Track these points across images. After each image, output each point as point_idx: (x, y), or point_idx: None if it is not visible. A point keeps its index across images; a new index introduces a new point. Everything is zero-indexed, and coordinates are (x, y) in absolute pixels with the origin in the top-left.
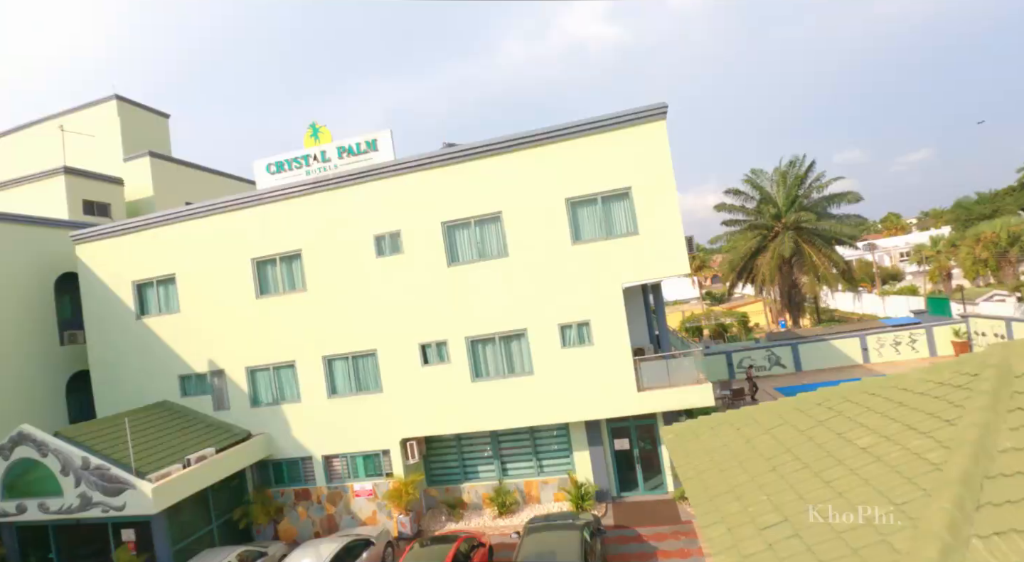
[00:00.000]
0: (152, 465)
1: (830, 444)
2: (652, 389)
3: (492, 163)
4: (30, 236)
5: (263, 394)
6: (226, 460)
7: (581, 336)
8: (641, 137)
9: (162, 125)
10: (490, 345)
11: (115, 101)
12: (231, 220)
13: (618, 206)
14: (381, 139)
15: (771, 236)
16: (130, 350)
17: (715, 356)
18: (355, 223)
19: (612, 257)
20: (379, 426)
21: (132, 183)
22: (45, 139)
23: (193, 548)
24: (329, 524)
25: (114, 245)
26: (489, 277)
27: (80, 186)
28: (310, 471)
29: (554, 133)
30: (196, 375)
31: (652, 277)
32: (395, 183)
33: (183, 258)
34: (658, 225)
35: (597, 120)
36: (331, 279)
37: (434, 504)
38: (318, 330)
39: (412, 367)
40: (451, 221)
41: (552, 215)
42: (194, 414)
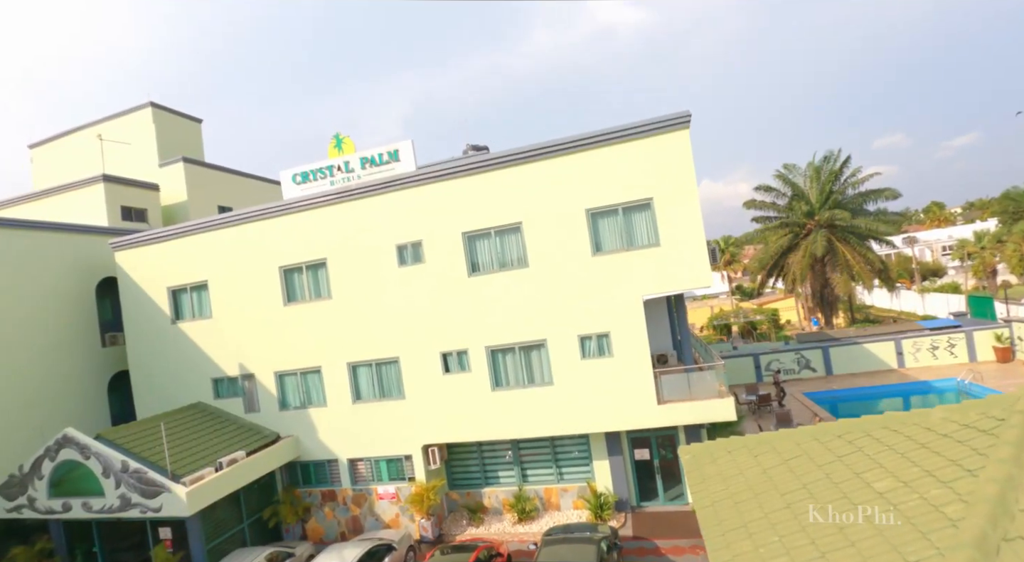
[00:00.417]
0: (187, 467)
1: (847, 484)
2: (673, 402)
3: (512, 173)
4: (73, 243)
5: (291, 398)
6: (256, 463)
7: (601, 347)
8: (663, 147)
9: (195, 130)
10: (510, 355)
11: (150, 108)
12: (259, 229)
13: (639, 217)
14: (403, 149)
15: (803, 234)
16: (166, 353)
17: (742, 358)
18: (377, 232)
19: (633, 269)
20: (401, 432)
21: (167, 188)
22: (84, 145)
23: (226, 546)
24: (354, 525)
25: (150, 252)
26: (509, 287)
27: (118, 192)
28: (336, 473)
29: (574, 143)
30: (228, 378)
31: (673, 290)
32: (416, 193)
33: (215, 265)
34: (680, 236)
35: (618, 130)
36: (355, 287)
37: (455, 508)
38: (343, 337)
39: (433, 375)
40: (471, 231)
41: (572, 226)
42: (226, 416)
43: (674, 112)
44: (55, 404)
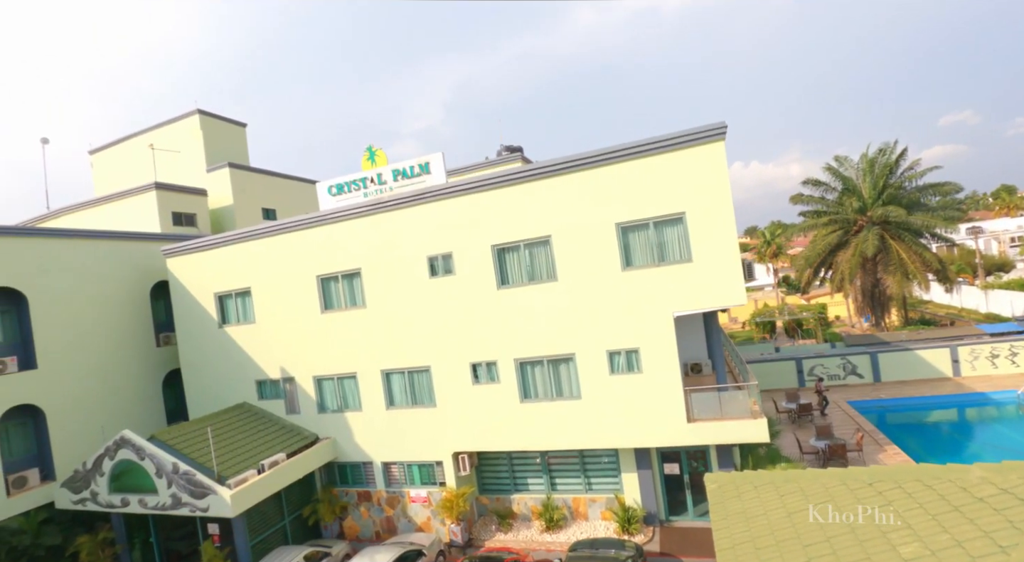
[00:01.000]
0: (232, 469)
1: (872, 544)
2: (703, 421)
3: (541, 187)
4: (131, 250)
5: (329, 401)
6: (296, 464)
7: (630, 363)
8: (697, 159)
9: (240, 134)
10: (538, 367)
11: (197, 115)
12: (298, 239)
13: (671, 232)
14: (433, 162)
15: (854, 230)
16: (214, 355)
17: (783, 362)
18: (409, 244)
19: (663, 285)
20: (432, 438)
21: (214, 192)
22: (138, 151)
23: (269, 541)
24: (388, 525)
25: (198, 259)
26: (538, 300)
27: (169, 199)
28: (371, 475)
29: (605, 156)
30: (270, 381)
31: (705, 308)
32: (446, 206)
33: (257, 273)
34: (713, 252)
35: (650, 142)
36: (388, 297)
37: (485, 512)
38: (376, 345)
39: (463, 384)
40: (501, 244)
41: (602, 240)
42: (269, 416)
43: (708, 124)
44: (116, 402)
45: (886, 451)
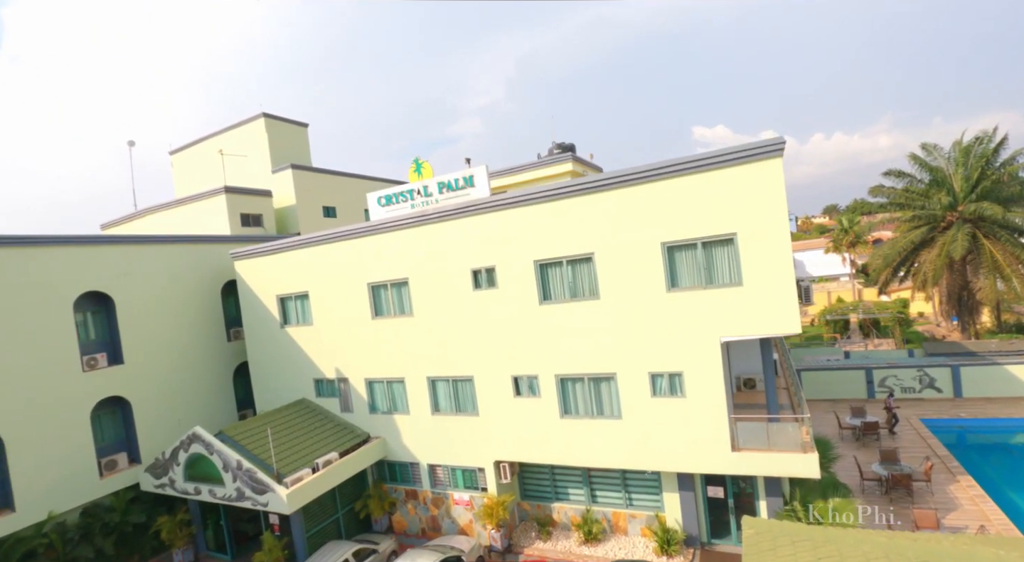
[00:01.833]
0: (290, 466)
1: None
2: (749, 451)
3: (584, 202)
4: (203, 251)
5: (379, 403)
6: (348, 464)
7: (673, 387)
8: (751, 177)
9: (302, 135)
10: (579, 384)
11: (263, 119)
12: (351, 247)
13: (720, 253)
14: (477, 175)
15: (940, 227)
16: (276, 353)
17: (852, 371)
18: (454, 256)
19: (711, 308)
20: (475, 445)
21: (277, 192)
22: (211, 153)
23: (324, 532)
24: (433, 523)
25: (262, 263)
26: (579, 318)
27: (238, 202)
28: (418, 475)
29: (651, 172)
30: (326, 380)
31: (755, 335)
32: (489, 219)
33: (314, 278)
34: (766, 277)
35: (700, 158)
36: (434, 307)
37: (526, 518)
38: (423, 353)
39: (505, 396)
40: (543, 260)
41: (647, 259)
42: (325, 413)
43: (765, 139)
44: (193, 392)
45: (959, 482)
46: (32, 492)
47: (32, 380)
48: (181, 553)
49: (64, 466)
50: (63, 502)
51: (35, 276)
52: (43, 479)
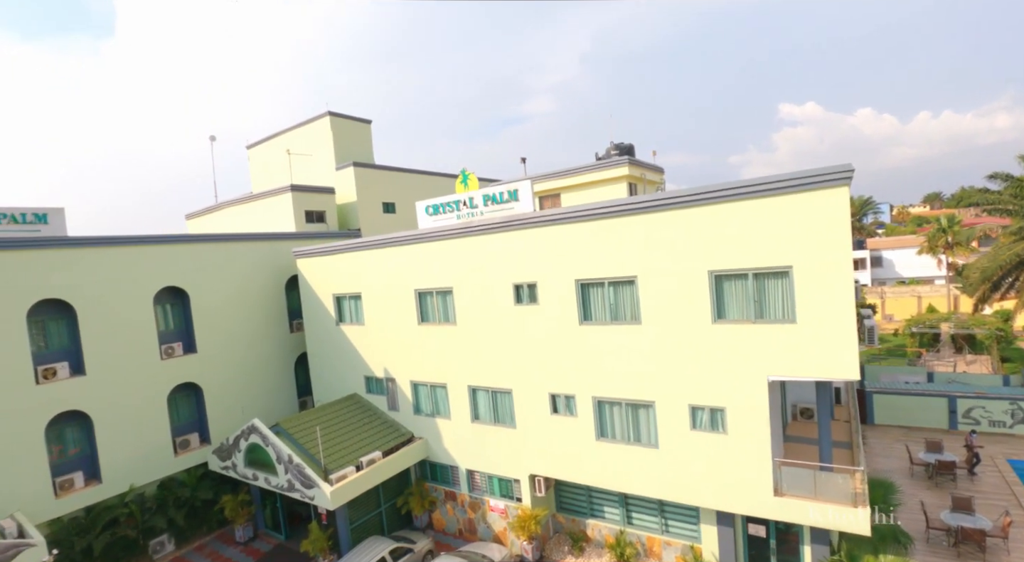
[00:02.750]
0: (337, 462)
1: None
2: (793, 496)
3: (629, 223)
4: (269, 248)
5: (423, 405)
6: (390, 463)
7: (714, 422)
8: (813, 206)
9: (365, 131)
10: (616, 408)
11: (328, 117)
12: (400, 253)
13: (773, 286)
14: (522, 190)
15: None
16: (332, 348)
17: (933, 398)
18: (497, 269)
19: (759, 344)
20: (511, 457)
21: (340, 189)
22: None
23: (367, 524)
24: (470, 526)
25: (320, 262)
26: (620, 341)
27: (303, 199)
28: (457, 478)
29: (701, 195)
30: (376, 378)
31: (807, 376)
32: (532, 235)
33: (367, 280)
34: (822, 316)
35: (755, 183)
36: (476, 317)
37: (560, 530)
38: (465, 362)
39: (542, 412)
40: (585, 279)
41: (692, 287)
42: (374, 410)
43: (830, 166)
44: (257, 380)
45: None
46: (116, 466)
47: (118, 366)
48: (242, 529)
49: (144, 443)
50: (142, 476)
51: (123, 272)
52: (126, 455)
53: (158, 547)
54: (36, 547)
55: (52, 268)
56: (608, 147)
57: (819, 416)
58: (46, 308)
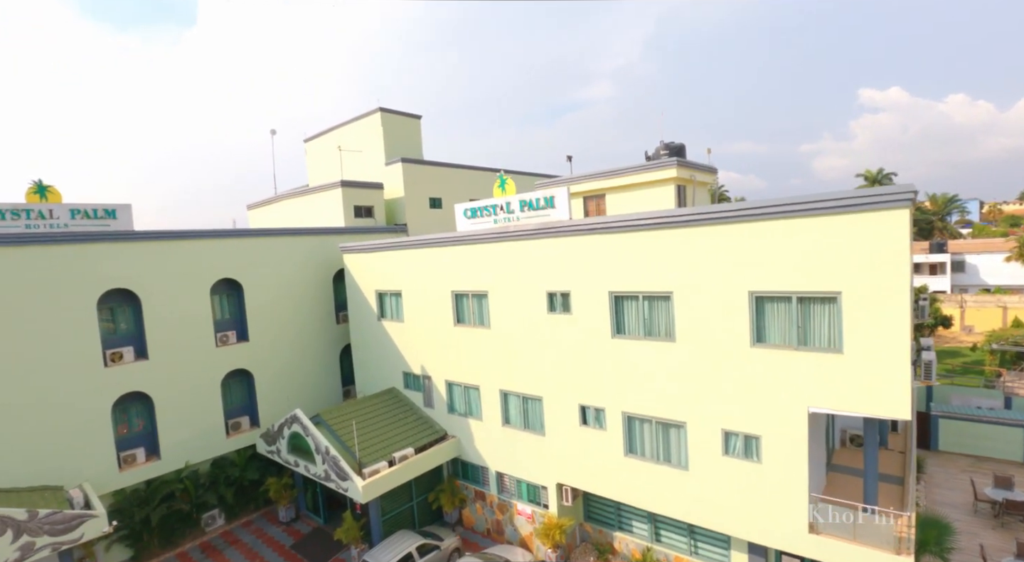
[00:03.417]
0: (371, 456)
1: None
2: (830, 536)
3: (665, 237)
4: (318, 242)
5: (457, 404)
6: (422, 460)
7: (748, 449)
8: (867, 229)
9: (415, 126)
10: (647, 426)
11: (379, 113)
12: (438, 254)
13: (819, 312)
14: (558, 197)
15: None
16: (374, 342)
17: (1009, 428)
18: (531, 276)
19: (800, 373)
20: (539, 464)
21: (389, 184)
22: (335, 144)
23: (399, 517)
24: (497, 527)
25: (364, 259)
26: (653, 358)
27: (352, 194)
28: (487, 479)
29: (744, 212)
30: (413, 374)
31: (851, 411)
32: (567, 243)
33: (406, 278)
34: (873, 348)
35: (805, 201)
36: (510, 323)
37: (587, 539)
38: (497, 366)
39: (571, 423)
40: (619, 292)
41: (731, 307)
42: (411, 405)
43: (891, 186)
44: (305, 368)
45: None
46: (174, 444)
47: (177, 352)
48: (284, 510)
49: (199, 424)
50: (197, 454)
51: (183, 264)
52: (183, 434)
53: (209, 521)
54: (98, 519)
55: (120, 260)
56: (658, 146)
57: (866, 450)
58: (114, 297)
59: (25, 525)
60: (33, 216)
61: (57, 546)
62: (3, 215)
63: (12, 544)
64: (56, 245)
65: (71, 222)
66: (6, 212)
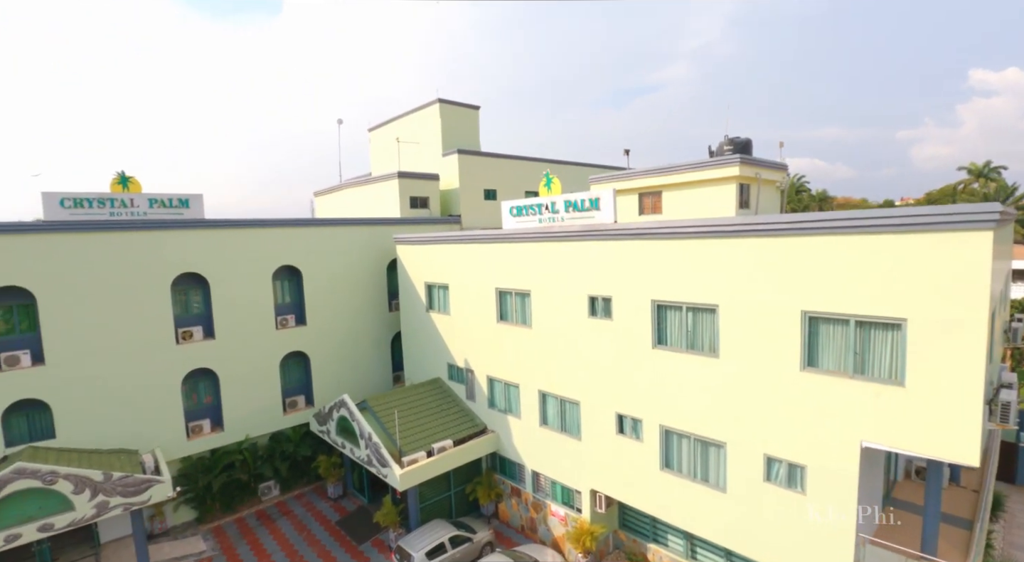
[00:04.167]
0: (412, 445)
1: None
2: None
3: (714, 246)
4: (375, 232)
5: (497, 400)
6: (461, 452)
7: (792, 479)
8: (942, 251)
9: (473, 117)
10: (685, 441)
11: (438, 104)
12: (483, 250)
13: (880, 338)
14: (604, 198)
15: None
16: (422, 333)
17: None
18: (573, 278)
19: (856, 403)
20: (574, 468)
21: (445, 175)
22: (395, 133)
23: (437, 505)
24: (531, 525)
25: (415, 251)
26: (694, 372)
27: (408, 186)
28: (523, 476)
29: (801, 225)
30: (456, 367)
31: (910, 451)
32: (611, 247)
33: (453, 273)
34: (940, 383)
35: (871, 216)
36: (551, 324)
37: (621, 547)
38: (537, 366)
39: (608, 430)
40: (662, 301)
41: (781, 327)
42: (454, 397)
43: (973, 205)
44: (358, 353)
45: None
46: (236, 417)
47: (241, 332)
48: (333, 487)
49: (259, 400)
50: (256, 428)
51: (248, 251)
52: (244, 408)
53: (265, 491)
54: (163, 484)
55: (191, 246)
56: (722, 141)
57: (928, 488)
58: (185, 280)
59: (101, 486)
60: (117, 204)
61: (128, 506)
62: (91, 203)
63: (90, 502)
64: (137, 231)
65: (149, 210)
66: (93, 200)
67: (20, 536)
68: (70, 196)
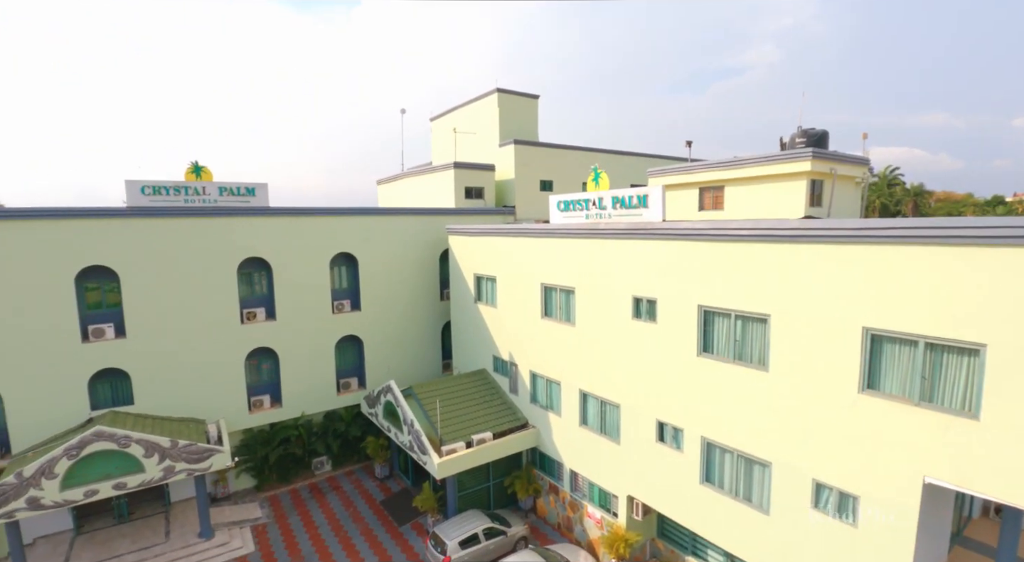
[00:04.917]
0: (453, 434)
1: None
2: None
3: (767, 251)
4: (429, 222)
5: (539, 396)
6: (500, 445)
7: (842, 508)
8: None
9: (531, 106)
10: (728, 457)
11: (496, 94)
12: (530, 245)
13: (954, 364)
14: (652, 196)
15: None
16: (470, 323)
17: None
18: (618, 278)
19: (920, 433)
20: (612, 471)
21: (501, 166)
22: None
23: (474, 495)
24: (567, 523)
25: (466, 242)
26: (741, 385)
27: (464, 176)
28: (561, 474)
29: (863, 232)
30: (501, 359)
31: (981, 492)
32: (657, 247)
33: (501, 265)
34: (1021, 419)
35: (946, 225)
36: (594, 323)
37: (658, 556)
38: (579, 365)
39: (647, 437)
40: (709, 307)
41: (839, 342)
42: (497, 389)
43: None
44: (410, 339)
45: None
46: (293, 394)
47: (300, 315)
48: (380, 467)
49: (315, 380)
50: (312, 406)
51: (308, 238)
52: (301, 387)
53: (318, 466)
54: (223, 454)
55: (257, 232)
56: (794, 133)
57: (1003, 531)
58: (250, 264)
59: (168, 451)
60: (190, 192)
61: (191, 471)
62: (168, 191)
63: (158, 465)
64: (208, 218)
65: (219, 198)
66: (170, 188)
67: (98, 492)
68: (150, 184)
